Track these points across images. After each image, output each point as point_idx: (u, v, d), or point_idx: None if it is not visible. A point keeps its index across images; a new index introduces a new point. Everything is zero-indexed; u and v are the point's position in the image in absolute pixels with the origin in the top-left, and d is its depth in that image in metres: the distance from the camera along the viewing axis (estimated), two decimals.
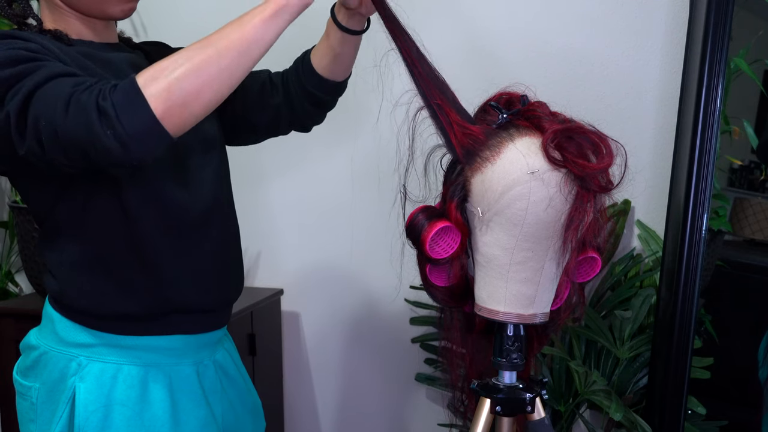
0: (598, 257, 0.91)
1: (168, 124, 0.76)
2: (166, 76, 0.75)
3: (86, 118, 0.74)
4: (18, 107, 0.78)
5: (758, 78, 1.58)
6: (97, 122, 0.74)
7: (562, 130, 0.83)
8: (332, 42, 1.09)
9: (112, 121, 0.74)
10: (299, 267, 1.97)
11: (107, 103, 0.74)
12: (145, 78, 0.75)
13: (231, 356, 1.13)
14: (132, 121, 0.74)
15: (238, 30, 0.80)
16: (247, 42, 0.79)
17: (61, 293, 0.97)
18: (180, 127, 0.77)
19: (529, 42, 1.71)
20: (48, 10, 0.97)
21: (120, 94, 0.74)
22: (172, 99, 0.75)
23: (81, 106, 0.75)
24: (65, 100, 0.76)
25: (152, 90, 0.74)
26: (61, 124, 0.75)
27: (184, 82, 0.75)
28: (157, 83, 0.75)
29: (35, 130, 0.77)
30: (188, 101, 0.76)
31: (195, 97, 0.76)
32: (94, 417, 0.94)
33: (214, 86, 0.78)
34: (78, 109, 0.75)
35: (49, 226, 0.97)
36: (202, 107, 0.78)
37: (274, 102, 1.16)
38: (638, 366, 1.57)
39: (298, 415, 2.04)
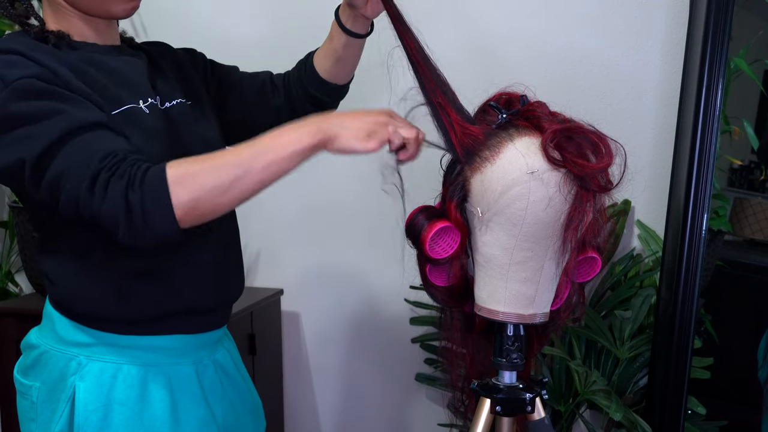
0: (598, 257, 0.91)
1: (182, 224, 0.81)
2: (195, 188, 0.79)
3: (114, 208, 0.79)
4: (37, 158, 0.80)
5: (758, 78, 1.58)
6: (123, 215, 0.79)
7: (561, 130, 0.83)
8: (336, 45, 1.09)
9: (136, 217, 0.79)
10: (299, 267, 1.97)
11: (136, 197, 0.78)
12: (176, 179, 0.79)
13: (231, 356, 1.13)
14: (155, 224, 0.79)
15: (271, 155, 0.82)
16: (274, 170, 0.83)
17: (60, 298, 0.97)
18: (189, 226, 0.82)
19: (529, 42, 1.71)
20: (50, 10, 0.96)
21: (149, 191, 0.79)
22: (194, 211, 0.80)
23: (109, 193, 0.79)
24: (91, 175, 0.79)
25: (180, 197, 0.79)
26: (85, 199, 0.79)
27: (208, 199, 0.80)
28: (186, 193, 0.79)
29: (54, 188, 0.81)
30: (207, 214, 0.82)
31: (213, 211, 0.82)
32: (93, 416, 0.94)
33: (233, 203, 0.83)
34: (105, 195, 0.79)
35: (47, 233, 0.97)
36: (213, 216, 0.83)
37: (275, 103, 1.16)
38: (638, 366, 1.57)
39: (298, 415, 2.04)
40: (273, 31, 1.87)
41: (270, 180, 0.83)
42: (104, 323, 0.96)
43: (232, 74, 1.17)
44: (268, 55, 1.64)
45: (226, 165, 0.81)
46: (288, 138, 0.83)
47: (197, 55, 1.16)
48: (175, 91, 1.02)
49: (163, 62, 1.06)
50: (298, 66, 1.16)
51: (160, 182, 0.79)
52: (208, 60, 1.17)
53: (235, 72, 1.18)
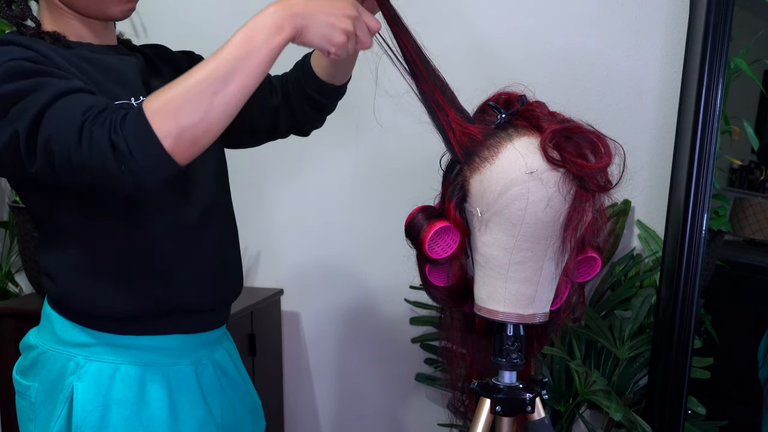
0: (597, 257, 0.91)
1: (178, 157, 0.78)
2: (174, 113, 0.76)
3: (100, 154, 0.76)
4: (27, 127, 0.79)
5: (758, 78, 1.58)
6: (111, 159, 0.76)
7: (560, 130, 0.83)
8: None
9: (125, 157, 0.76)
10: (299, 267, 1.97)
11: (119, 138, 0.76)
12: (153, 110, 0.76)
13: (230, 356, 1.13)
14: (144, 157, 0.76)
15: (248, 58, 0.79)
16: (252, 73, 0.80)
17: (59, 295, 0.97)
18: (189, 157, 0.80)
19: (529, 41, 1.71)
20: (47, 11, 0.96)
21: (131, 128, 0.76)
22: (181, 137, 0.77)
23: (94, 141, 0.77)
24: (77, 129, 0.77)
25: (162, 127, 0.76)
26: (75, 154, 0.77)
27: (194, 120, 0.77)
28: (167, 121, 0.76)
29: (47, 152, 0.79)
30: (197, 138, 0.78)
31: (203, 134, 0.78)
32: (91, 416, 0.94)
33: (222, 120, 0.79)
34: (91, 143, 0.77)
35: (48, 230, 0.97)
36: (210, 138, 0.80)
37: (273, 104, 1.16)
38: (638, 366, 1.57)
39: (298, 415, 2.04)
40: None
41: (251, 84, 0.80)
42: (103, 321, 0.96)
43: None
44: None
45: (203, 81, 0.77)
46: (260, 38, 0.80)
47: (195, 57, 1.16)
48: None
49: (161, 63, 1.07)
50: (296, 67, 1.17)
51: (139, 118, 0.76)
52: None
53: None
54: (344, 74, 1.14)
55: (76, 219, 0.94)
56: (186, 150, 0.78)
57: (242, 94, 0.80)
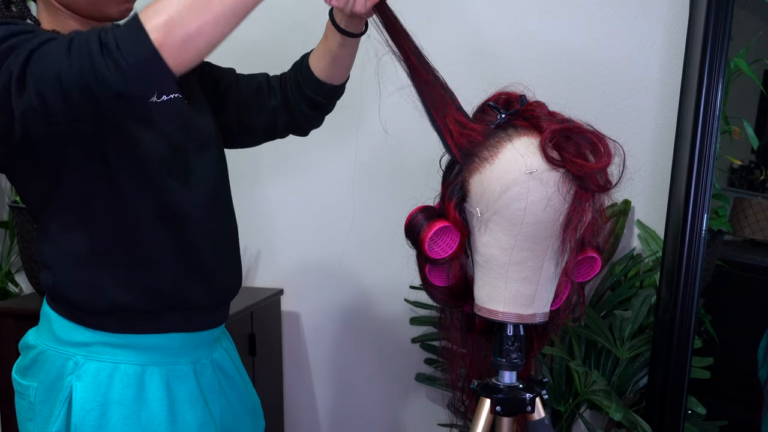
0: (597, 257, 0.91)
1: (168, 57, 0.75)
2: (167, 9, 0.75)
3: (87, 51, 0.75)
4: (19, 66, 0.78)
5: (758, 78, 1.58)
6: (98, 54, 0.74)
7: (560, 130, 0.83)
8: (331, 45, 1.09)
9: (112, 52, 0.74)
10: (299, 267, 1.97)
11: (108, 36, 0.75)
12: (147, 12, 0.76)
13: (230, 355, 1.13)
14: (131, 51, 0.74)
15: None
16: None
17: (57, 287, 0.97)
18: (181, 62, 0.77)
19: (529, 41, 1.71)
20: (45, 12, 0.96)
21: (121, 28, 0.75)
22: (172, 33, 0.75)
23: (83, 41, 0.76)
24: (67, 43, 0.77)
25: (153, 23, 0.74)
26: (64, 65, 0.76)
27: (185, 18, 0.75)
28: (158, 17, 0.75)
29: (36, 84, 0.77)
30: (190, 37, 0.75)
31: (196, 34, 0.76)
32: (90, 416, 0.94)
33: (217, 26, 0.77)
34: (80, 45, 0.75)
35: (45, 220, 0.97)
36: (203, 44, 0.77)
37: (272, 104, 1.16)
38: (638, 366, 1.57)
39: (298, 415, 2.04)
40: (270, 33, 1.87)
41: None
42: (101, 316, 0.96)
43: (228, 76, 1.18)
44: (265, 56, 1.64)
45: None
46: None
47: None
48: None
49: None
50: (294, 67, 1.17)
51: (132, 19, 0.75)
52: (204, 62, 1.18)
53: (231, 74, 1.19)
54: (342, 74, 1.14)
55: (73, 209, 0.94)
56: (176, 49, 0.75)
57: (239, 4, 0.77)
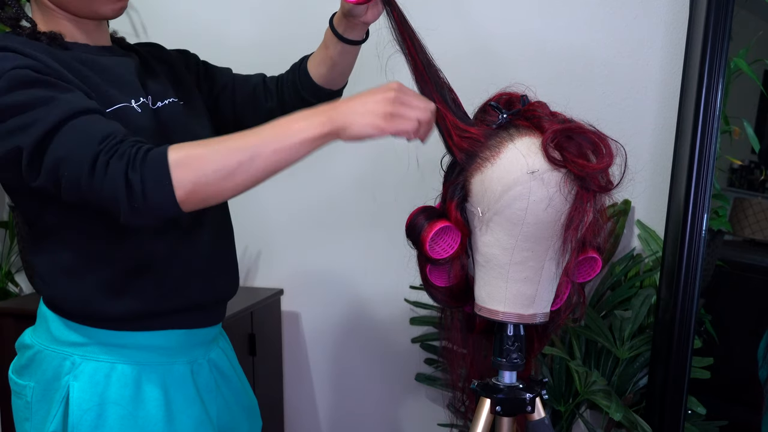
0: (598, 257, 0.91)
1: (184, 206, 0.80)
2: (197, 170, 0.79)
3: (113, 188, 0.78)
4: (34, 144, 0.80)
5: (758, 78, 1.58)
6: (123, 194, 0.78)
7: (561, 130, 0.83)
8: (331, 52, 1.09)
9: (137, 196, 0.78)
10: (299, 267, 1.97)
11: (136, 176, 0.78)
12: (178, 161, 0.78)
13: (226, 355, 1.13)
14: (155, 202, 0.79)
15: (278, 142, 0.80)
16: (281, 158, 0.81)
17: (53, 295, 0.97)
18: (192, 209, 0.82)
19: (530, 41, 1.71)
20: (39, 12, 0.96)
21: (150, 171, 0.78)
22: (195, 193, 0.79)
23: (110, 173, 0.78)
24: (92, 157, 0.78)
25: (181, 179, 0.78)
26: (86, 183, 0.79)
27: (211, 182, 0.79)
28: (188, 174, 0.78)
29: (53, 173, 0.80)
30: (209, 197, 0.81)
31: (216, 195, 0.81)
32: (87, 416, 0.94)
33: (237, 189, 0.82)
34: (106, 175, 0.78)
35: (39, 229, 0.97)
36: (219, 201, 0.83)
37: (268, 106, 1.16)
38: (638, 366, 1.57)
39: (298, 415, 2.04)
40: (269, 33, 1.87)
41: (276, 167, 0.81)
42: (98, 321, 0.96)
43: (225, 76, 1.18)
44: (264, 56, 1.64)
45: (232, 149, 0.80)
46: (297, 126, 0.81)
47: (190, 56, 1.16)
48: (167, 91, 1.02)
49: (156, 63, 1.06)
50: (292, 70, 1.17)
51: (161, 162, 0.78)
52: (201, 61, 1.17)
53: (228, 74, 1.19)
54: (341, 79, 1.14)
55: (65, 221, 0.94)
56: (194, 204, 0.80)
57: (265, 171, 0.81)
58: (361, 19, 1.04)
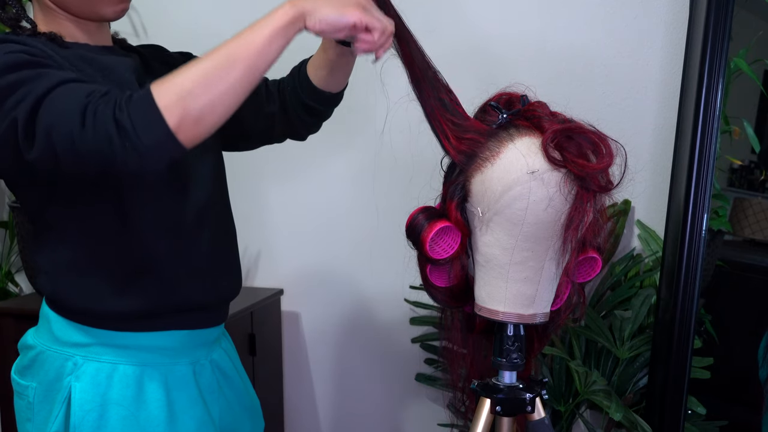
0: (598, 257, 0.91)
1: (182, 136, 0.78)
2: (179, 90, 0.77)
3: (104, 131, 0.76)
4: (26, 115, 0.78)
5: (758, 78, 1.58)
6: (115, 135, 0.76)
7: (561, 130, 0.83)
8: (330, 55, 1.09)
9: (129, 134, 0.76)
10: (299, 267, 1.97)
11: (124, 115, 0.76)
12: (160, 90, 0.77)
13: (229, 356, 1.13)
14: (148, 135, 0.76)
15: (248, 40, 0.80)
16: (256, 54, 0.80)
17: (55, 293, 0.97)
18: (193, 139, 0.79)
19: (530, 41, 1.71)
20: (41, 13, 0.96)
21: (136, 106, 0.76)
22: (186, 112, 0.77)
23: (98, 118, 0.76)
24: (80, 109, 0.77)
25: (167, 103, 0.76)
26: (79, 135, 0.77)
27: (196, 96, 0.77)
28: (171, 97, 0.77)
29: (47, 139, 0.78)
30: (202, 115, 0.78)
31: (208, 111, 0.78)
32: (89, 416, 0.94)
33: (226, 99, 0.79)
34: (95, 121, 0.76)
35: (42, 226, 0.97)
36: (215, 119, 0.80)
37: (269, 110, 1.16)
38: (638, 366, 1.57)
39: (298, 415, 2.04)
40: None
41: (253, 66, 0.80)
42: (100, 319, 0.96)
43: None
44: None
45: (206, 60, 0.79)
46: (263, 21, 0.81)
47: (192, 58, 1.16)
48: None
49: (157, 64, 1.07)
50: (292, 74, 1.17)
51: (146, 96, 0.77)
52: None
53: None
54: (341, 82, 1.14)
55: (68, 217, 0.94)
56: (190, 129, 0.78)
57: (248, 77, 0.80)
58: None
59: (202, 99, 0.77)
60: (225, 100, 0.79)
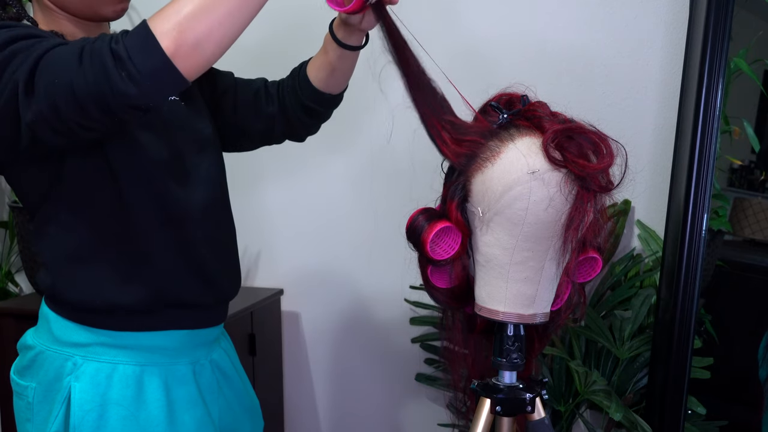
0: (598, 257, 0.91)
1: (180, 63, 0.75)
2: (175, 15, 0.75)
3: (101, 63, 0.74)
4: (26, 74, 0.77)
5: (758, 78, 1.58)
6: (111, 65, 0.74)
7: (562, 130, 0.83)
8: (330, 57, 1.09)
9: (125, 62, 0.74)
10: (299, 267, 1.97)
11: (119, 46, 0.74)
12: (156, 18, 0.75)
13: (228, 356, 1.13)
14: (144, 61, 0.74)
15: None
16: None
17: (55, 287, 0.97)
18: (192, 68, 0.77)
19: (529, 41, 1.71)
20: (41, 13, 0.96)
21: (132, 36, 0.75)
22: (182, 37, 0.74)
23: (95, 52, 0.75)
24: (77, 53, 0.76)
25: (162, 29, 0.74)
26: (76, 76, 0.75)
27: (193, 21, 0.74)
28: (167, 23, 0.74)
29: (48, 92, 0.77)
30: (199, 41, 0.75)
31: (206, 37, 0.75)
32: (89, 417, 0.94)
33: (225, 25, 0.76)
34: (92, 56, 0.75)
35: (41, 218, 0.96)
36: (214, 47, 0.77)
37: (269, 111, 1.16)
38: (638, 366, 1.57)
39: (298, 415, 2.04)
40: (269, 36, 1.86)
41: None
42: (99, 315, 0.96)
43: (227, 80, 1.18)
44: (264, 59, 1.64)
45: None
46: None
47: None
48: None
49: None
50: (292, 75, 1.17)
51: (141, 27, 0.75)
52: None
53: (229, 78, 1.19)
54: (341, 84, 1.14)
55: (68, 210, 0.94)
56: (188, 55, 0.75)
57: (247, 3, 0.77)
58: (358, 27, 1.04)
59: (199, 23, 0.74)
60: (224, 26, 0.76)
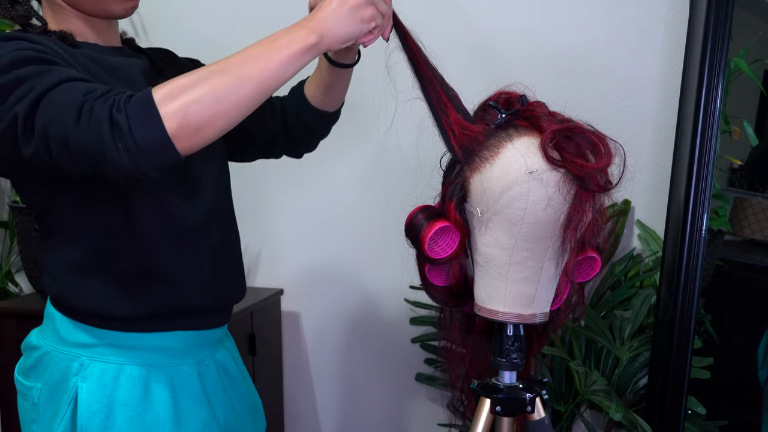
0: (597, 257, 0.90)
1: (179, 144, 0.75)
2: (184, 96, 0.74)
3: (98, 129, 0.73)
4: (26, 110, 0.77)
5: (758, 78, 1.58)
6: (108, 134, 0.73)
7: (560, 130, 0.83)
8: (324, 76, 1.10)
9: (124, 134, 0.73)
10: (299, 267, 1.97)
11: (121, 115, 0.73)
12: (163, 94, 0.75)
13: (232, 356, 1.13)
14: (144, 137, 0.73)
15: (264, 60, 0.78)
16: (270, 75, 0.78)
17: (60, 295, 0.97)
18: (190, 148, 0.77)
19: (529, 41, 1.71)
20: (50, 11, 0.96)
21: (135, 107, 0.74)
22: (186, 121, 0.74)
23: (94, 116, 0.74)
24: (77, 107, 0.75)
25: (168, 108, 0.74)
26: (72, 132, 0.74)
27: (200, 107, 0.75)
28: (174, 103, 0.74)
29: (44, 135, 0.77)
30: (202, 126, 0.75)
31: (209, 123, 0.76)
32: (96, 417, 0.94)
33: (230, 114, 0.77)
34: (90, 118, 0.74)
35: (48, 228, 0.97)
36: (214, 133, 0.78)
37: (273, 124, 1.18)
38: (638, 366, 1.57)
39: (298, 415, 2.04)
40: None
41: (265, 87, 0.78)
42: (105, 320, 0.96)
43: None
44: None
45: (216, 72, 0.76)
46: (281, 42, 0.79)
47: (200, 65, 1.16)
48: None
49: (165, 67, 1.07)
50: (291, 93, 1.18)
51: (146, 98, 0.74)
52: None
53: None
54: (337, 101, 1.15)
55: (73, 221, 0.94)
56: (189, 136, 0.75)
57: (258, 95, 0.78)
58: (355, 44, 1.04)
59: (206, 110, 0.75)
60: (229, 115, 0.77)
